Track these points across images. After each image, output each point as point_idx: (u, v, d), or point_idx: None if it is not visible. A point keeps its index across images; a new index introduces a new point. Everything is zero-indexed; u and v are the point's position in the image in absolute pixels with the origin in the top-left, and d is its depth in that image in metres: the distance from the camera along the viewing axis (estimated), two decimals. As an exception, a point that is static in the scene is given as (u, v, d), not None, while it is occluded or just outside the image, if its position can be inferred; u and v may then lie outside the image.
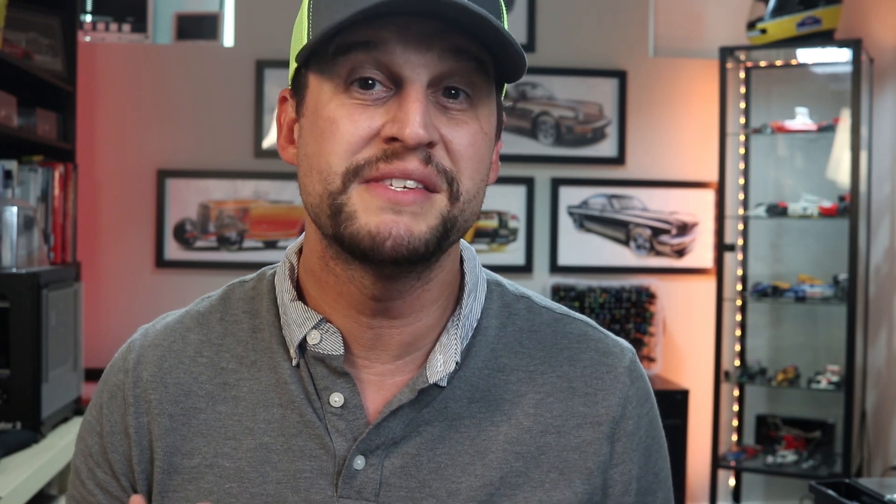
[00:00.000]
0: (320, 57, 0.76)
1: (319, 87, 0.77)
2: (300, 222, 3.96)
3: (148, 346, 0.88)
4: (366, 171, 0.74)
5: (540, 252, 4.11)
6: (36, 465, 2.00)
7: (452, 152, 0.75)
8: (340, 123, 0.74)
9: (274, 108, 3.94)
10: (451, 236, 0.77)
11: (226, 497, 0.81)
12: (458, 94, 0.75)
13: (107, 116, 3.91)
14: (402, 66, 0.73)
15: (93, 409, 0.89)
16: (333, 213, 0.75)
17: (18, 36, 3.12)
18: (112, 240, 3.91)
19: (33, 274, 2.15)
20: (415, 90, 0.73)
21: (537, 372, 0.86)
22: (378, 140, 0.74)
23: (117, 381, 0.87)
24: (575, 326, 0.90)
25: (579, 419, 0.85)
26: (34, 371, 2.13)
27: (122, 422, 0.85)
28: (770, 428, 4.03)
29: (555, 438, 0.84)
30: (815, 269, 4.01)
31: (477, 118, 0.77)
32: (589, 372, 0.87)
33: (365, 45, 0.73)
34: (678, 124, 4.16)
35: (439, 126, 0.74)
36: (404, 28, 0.72)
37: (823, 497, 2.03)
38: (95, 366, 3.63)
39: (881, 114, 3.90)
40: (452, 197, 0.75)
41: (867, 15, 4.00)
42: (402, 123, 0.72)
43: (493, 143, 0.81)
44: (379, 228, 0.73)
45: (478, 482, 0.81)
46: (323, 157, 0.75)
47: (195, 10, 4.13)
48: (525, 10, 4.07)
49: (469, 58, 0.74)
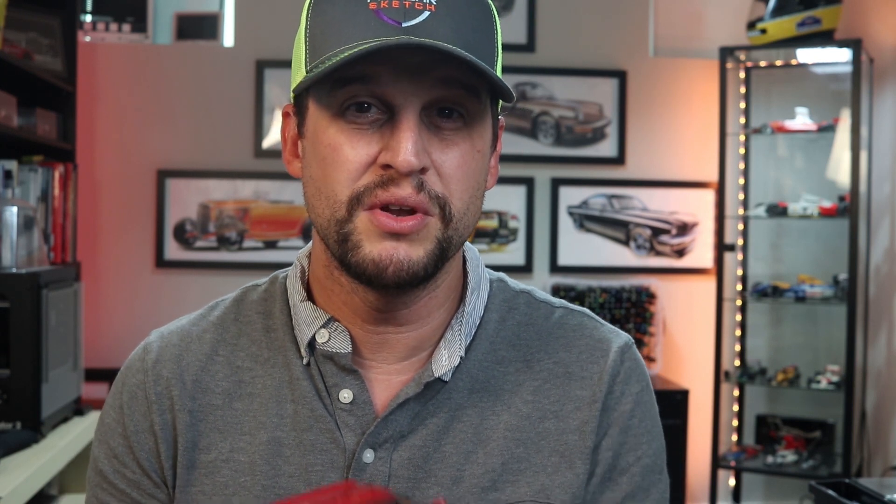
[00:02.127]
0: (319, 86, 0.80)
1: (318, 113, 0.81)
2: (300, 222, 3.97)
3: (165, 346, 0.90)
4: (366, 198, 0.78)
5: (540, 252, 4.11)
6: (36, 465, 2.00)
7: (443, 176, 0.79)
8: (341, 150, 0.78)
9: (274, 107, 3.95)
10: (449, 254, 0.82)
11: (240, 490, 0.84)
12: (452, 113, 0.79)
13: (107, 116, 3.91)
14: (394, 95, 0.77)
15: (110, 412, 0.90)
16: (341, 241, 0.80)
17: (18, 36, 3.12)
18: (112, 240, 3.91)
19: (33, 274, 2.15)
20: (406, 119, 0.77)
21: (534, 360, 0.89)
22: (375, 167, 0.78)
23: (137, 382, 0.89)
24: (572, 317, 0.93)
25: (577, 402, 0.88)
26: (34, 371, 2.13)
27: (147, 420, 0.87)
28: (770, 428, 4.03)
29: (554, 423, 0.87)
30: (815, 269, 4.01)
31: (470, 137, 0.80)
32: (585, 357, 0.90)
33: (360, 79, 0.77)
34: (678, 124, 4.16)
35: (431, 151, 0.78)
36: (397, 60, 0.76)
37: (823, 497, 2.03)
38: (95, 366, 3.64)
39: (881, 114, 3.90)
40: (445, 219, 0.79)
41: (867, 15, 4.00)
42: (394, 152, 0.76)
43: (488, 157, 0.85)
44: (381, 256, 0.78)
45: (480, 469, 0.84)
46: (329, 184, 0.79)
47: (195, 10, 4.13)
48: (525, 10, 4.06)
49: (459, 86, 0.78)
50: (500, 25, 0.83)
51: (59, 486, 2.49)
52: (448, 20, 0.76)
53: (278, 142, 3.94)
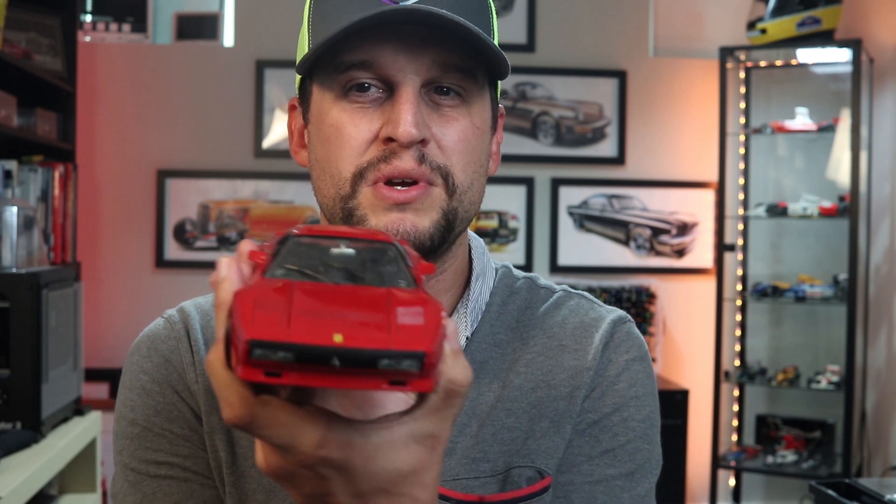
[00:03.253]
0: (321, 70, 0.82)
1: (322, 96, 0.83)
2: (300, 222, 3.96)
3: (187, 318, 0.90)
4: (369, 173, 0.80)
5: (540, 252, 4.11)
6: (36, 465, 2.00)
7: (444, 148, 0.81)
8: (344, 128, 0.81)
9: (274, 108, 3.95)
10: (455, 227, 0.83)
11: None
12: (450, 91, 0.81)
13: (107, 116, 3.91)
14: (394, 73, 0.79)
15: (140, 377, 0.87)
16: (346, 217, 0.81)
17: (18, 36, 3.12)
18: (112, 240, 3.91)
19: (33, 274, 2.15)
20: (406, 92, 0.79)
21: (529, 337, 0.91)
22: (378, 142, 0.80)
23: (170, 347, 0.88)
24: (570, 299, 0.95)
25: (569, 371, 0.88)
26: (34, 371, 2.13)
27: (183, 381, 0.86)
28: (770, 428, 4.03)
29: (545, 392, 0.88)
30: (815, 269, 4.01)
31: (469, 114, 0.82)
32: (579, 332, 0.91)
33: (361, 64, 0.79)
34: (678, 124, 4.16)
35: (431, 124, 0.80)
36: (395, 37, 0.78)
37: (823, 497, 2.03)
38: (95, 366, 3.64)
39: (881, 114, 3.90)
40: (449, 190, 0.81)
41: (867, 15, 4.01)
42: (395, 124, 0.78)
43: (489, 137, 0.86)
44: (387, 227, 0.79)
45: (471, 441, 0.85)
46: (332, 162, 0.82)
47: (195, 10, 4.13)
48: (525, 10, 4.06)
49: (457, 70, 0.80)
50: (495, 11, 0.86)
51: (59, 486, 2.49)
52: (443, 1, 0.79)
53: (278, 142, 3.95)
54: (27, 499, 1.94)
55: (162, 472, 0.85)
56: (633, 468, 0.87)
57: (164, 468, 0.85)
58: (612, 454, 0.87)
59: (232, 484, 0.84)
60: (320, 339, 0.49)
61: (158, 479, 0.85)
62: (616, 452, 0.87)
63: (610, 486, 0.86)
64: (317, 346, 0.49)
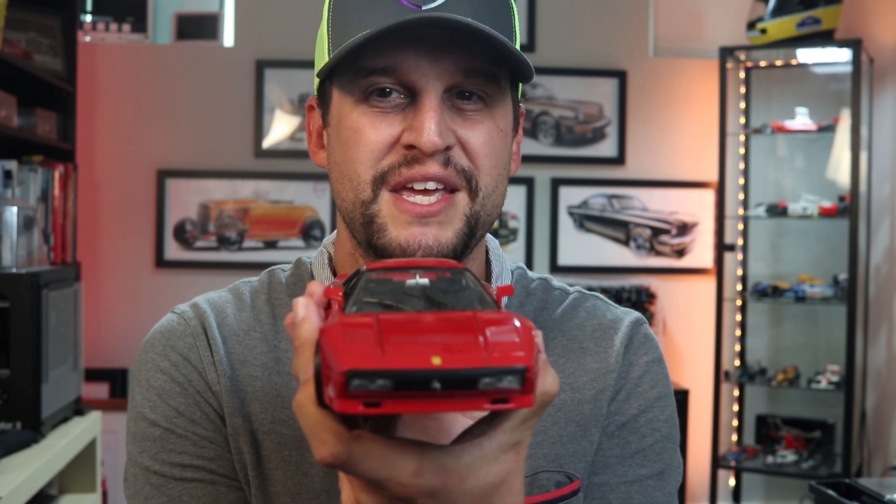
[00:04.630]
0: (342, 74, 0.81)
1: (342, 99, 0.82)
2: (300, 222, 3.97)
3: (202, 314, 0.89)
4: (390, 177, 0.79)
5: (540, 252, 4.11)
6: (36, 465, 2.00)
7: (470, 152, 0.80)
8: (364, 132, 0.79)
9: (273, 108, 3.95)
10: (477, 233, 0.83)
11: (283, 464, 0.83)
12: (472, 96, 0.80)
13: (107, 116, 3.91)
14: (416, 79, 0.78)
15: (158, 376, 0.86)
16: (366, 223, 0.80)
17: (18, 36, 3.12)
18: (112, 240, 3.91)
19: (33, 274, 2.15)
20: (429, 99, 0.77)
21: (548, 338, 0.90)
22: (399, 147, 0.79)
23: (187, 345, 0.87)
24: (586, 300, 0.95)
25: (592, 374, 0.89)
26: (34, 371, 2.13)
27: (205, 382, 0.85)
28: (770, 428, 4.03)
29: (570, 394, 0.88)
30: (815, 269, 4.01)
31: (492, 116, 0.81)
32: (598, 335, 0.91)
33: (383, 69, 0.78)
34: (678, 124, 4.16)
35: (455, 128, 0.79)
36: (417, 43, 0.77)
37: (823, 497, 2.03)
38: (95, 366, 3.64)
39: (881, 114, 3.90)
40: (472, 193, 0.80)
41: (867, 15, 4.00)
42: (418, 132, 0.77)
43: (511, 138, 0.86)
44: (409, 241, 0.78)
45: None
46: (351, 165, 0.80)
47: (195, 10, 4.13)
48: (525, 10, 4.06)
49: (479, 75, 0.79)
50: (517, 12, 0.85)
51: (59, 486, 2.49)
52: (466, 4, 0.78)
53: (278, 142, 3.95)
54: (27, 499, 1.94)
55: (188, 475, 0.84)
56: (662, 468, 0.89)
57: (190, 471, 0.84)
58: (642, 455, 0.88)
59: (257, 486, 0.84)
60: (419, 363, 0.48)
61: (184, 482, 0.84)
62: (646, 453, 0.88)
63: (644, 486, 0.88)
64: (416, 370, 0.48)
